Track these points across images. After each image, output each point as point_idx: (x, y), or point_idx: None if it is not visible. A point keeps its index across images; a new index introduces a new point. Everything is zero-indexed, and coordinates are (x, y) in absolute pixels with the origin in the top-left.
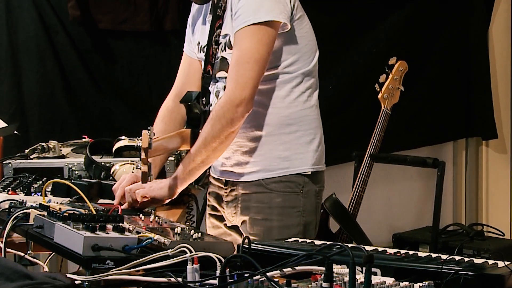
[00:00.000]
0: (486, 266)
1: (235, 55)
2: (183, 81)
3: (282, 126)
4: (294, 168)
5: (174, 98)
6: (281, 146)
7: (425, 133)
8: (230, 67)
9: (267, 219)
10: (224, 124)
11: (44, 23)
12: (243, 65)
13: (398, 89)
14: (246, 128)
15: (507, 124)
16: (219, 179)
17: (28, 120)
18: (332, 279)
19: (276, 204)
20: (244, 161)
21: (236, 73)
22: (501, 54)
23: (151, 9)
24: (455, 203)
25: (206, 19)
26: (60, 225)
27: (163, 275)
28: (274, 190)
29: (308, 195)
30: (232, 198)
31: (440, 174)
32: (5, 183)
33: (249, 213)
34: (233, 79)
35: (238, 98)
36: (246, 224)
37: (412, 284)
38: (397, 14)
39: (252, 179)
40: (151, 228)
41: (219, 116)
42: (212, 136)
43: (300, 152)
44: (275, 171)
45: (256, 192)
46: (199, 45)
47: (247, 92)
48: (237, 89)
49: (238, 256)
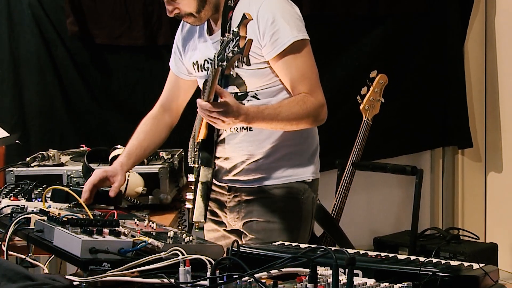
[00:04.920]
0: (461, 268)
1: (297, 67)
2: (168, 97)
3: (292, 137)
4: (297, 176)
5: (159, 108)
6: (287, 156)
7: (404, 142)
8: (296, 79)
9: (269, 222)
10: (313, 122)
11: (44, 38)
12: (311, 75)
13: (379, 101)
14: (261, 140)
15: (482, 134)
16: (222, 186)
17: (29, 130)
18: (316, 280)
19: (278, 208)
20: (250, 169)
21: (309, 81)
22: (475, 68)
23: (145, 24)
24: (433, 208)
25: (204, 38)
26: (59, 229)
27: (157, 276)
28: (276, 195)
29: (307, 201)
30: (235, 203)
31: (418, 181)
32: (7, 189)
33: (252, 216)
34: (308, 87)
35: (322, 101)
36: (248, 226)
37: (392, 285)
38: (378, 30)
39: (255, 185)
40: (146, 232)
41: (316, 113)
42: (301, 120)
43: (304, 162)
44: (279, 179)
45: (259, 197)
46: (196, 64)
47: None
48: (320, 94)
49: (228, 258)
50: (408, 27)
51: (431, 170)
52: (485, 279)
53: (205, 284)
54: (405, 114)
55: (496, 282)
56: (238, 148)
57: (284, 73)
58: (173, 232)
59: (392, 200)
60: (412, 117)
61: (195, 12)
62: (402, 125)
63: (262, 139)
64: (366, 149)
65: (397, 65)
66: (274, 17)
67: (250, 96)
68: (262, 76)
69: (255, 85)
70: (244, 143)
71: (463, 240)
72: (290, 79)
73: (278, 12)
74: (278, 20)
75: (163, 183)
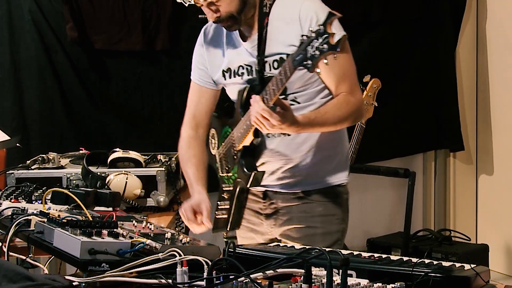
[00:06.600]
0: (453, 268)
1: (340, 65)
2: (197, 109)
3: (328, 141)
4: (334, 180)
5: (192, 127)
6: (324, 160)
7: (397, 146)
8: (338, 78)
9: (310, 227)
10: (354, 121)
11: (44, 44)
12: (351, 73)
13: (372, 105)
14: (298, 144)
15: (473, 137)
16: (257, 194)
17: (29, 133)
18: (311, 281)
19: (318, 212)
20: (287, 175)
21: (350, 80)
22: (467, 72)
23: (143, 30)
24: (425, 210)
25: (236, 45)
26: (59, 231)
27: (155, 277)
28: (315, 200)
29: (343, 203)
30: (271, 211)
31: (411, 183)
32: (8, 191)
33: (291, 223)
34: (348, 87)
35: (362, 99)
36: (288, 234)
37: (385, 285)
38: (371, 35)
39: (293, 191)
40: (143, 233)
41: (358, 113)
42: (344, 122)
43: (340, 165)
44: (317, 184)
45: (297, 203)
46: (228, 71)
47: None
48: (359, 92)
49: (224, 259)
50: (401, 32)
51: (423, 172)
52: (476, 280)
53: (202, 285)
54: (398, 118)
55: (487, 282)
56: (275, 153)
57: (327, 72)
58: (170, 234)
59: (385, 202)
60: (405, 121)
61: (236, 12)
62: (395, 129)
63: (299, 143)
64: (360, 152)
65: (390, 70)
66: (317, 16)
67: (290, 99)
68: (302, 77)
69: (294, 86)
70: (280, 148)
71: (455, 241)
72: (332, 77)
73: (320, 11)
74: (322, 19)
75: (160, 185)
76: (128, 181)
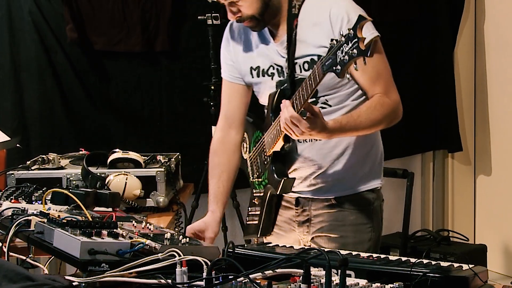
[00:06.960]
0: (451, 268)
1: (373, 65)
2: (229, 109)
3: (361, 145)
4: (366, 185)
5: (223, 128)
6: (356, 165)
7: (396, 146)
8: (372, 79)
9: (342, 237)
10: (389, 123)
11: (44, 45)
12: (385, 74)
13: None
14: (329, 149)
15: (471, 138)
16: (289, 200)
17: (30, 134)
18: (309, 281)
19: (350, 221)
20: (319, 181)
21: (384, 81)
22: (465, 73)
23: (142, 31)
24: (423, 210)
25: (266, 43)
26: (59, 231)
27: (154, 277)
28: (347, 208)
29: (376, 210)
30: (304, 218)
31: (409, 184)
32: (8, 192)
33: (323, 231)
34: (383, 88)
35: (398, 100)
36: (319, 242)
37: (384, 285)
38: None
39: (325, 197)
40: (143, 234)
41: (393, 115)
42: (378, 125)
43: (373, 169)
44: (349, 189)
45: (329, 211)
46: (257, 69)
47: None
48: (395, 93)
49: (223, 259)
50: (400, 33)
51: (421, 173)
52: (474, 280)
53: (201, 285)
54: None
55: (485, 282)
56: (307, 159)
57: (360, 73)
58: (170, 234)
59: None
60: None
61: (257, 14)
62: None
63: (330, 148)
64: None
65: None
66: (349, 17)
67: (321, 102)
68: (333, 79)
69: (326, 88)
70: (311, 153)
71: (453, 241)
72: (366, 78)
73: (352, 11)
74: (354, 19)
75: (160, 186)
76: (127, 181)
